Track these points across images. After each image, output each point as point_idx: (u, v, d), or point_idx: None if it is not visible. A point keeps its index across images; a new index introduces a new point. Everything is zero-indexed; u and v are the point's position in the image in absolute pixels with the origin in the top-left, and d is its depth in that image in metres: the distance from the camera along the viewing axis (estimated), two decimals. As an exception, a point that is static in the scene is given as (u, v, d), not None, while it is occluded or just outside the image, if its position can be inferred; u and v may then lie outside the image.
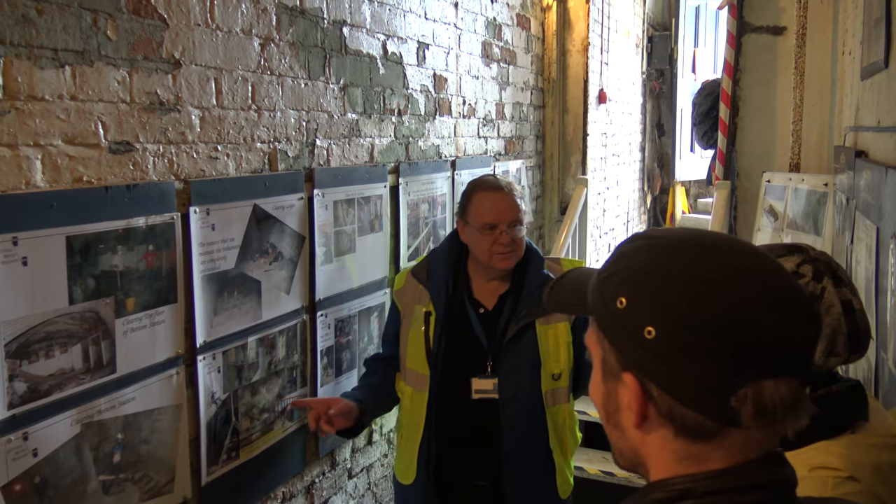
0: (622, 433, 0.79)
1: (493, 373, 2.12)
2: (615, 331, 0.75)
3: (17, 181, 1.44)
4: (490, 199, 2.14)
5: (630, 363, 0.74)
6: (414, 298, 2.22)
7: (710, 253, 0.75)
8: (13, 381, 1.43)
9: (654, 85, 7.12)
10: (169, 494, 1.82)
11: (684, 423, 0.73)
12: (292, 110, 2.21)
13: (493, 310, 2.17)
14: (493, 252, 2.11)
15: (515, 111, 4.02)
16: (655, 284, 0.73)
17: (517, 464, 2.12)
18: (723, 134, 4.30)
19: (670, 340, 0.71)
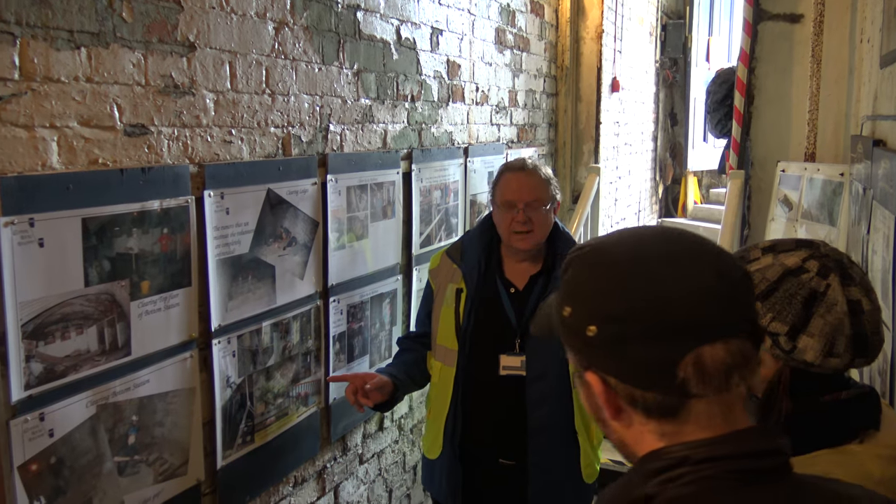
0: (609, 428, 0.84)
1: (521, 350, 2.16)
2: (568, 337, 0.83)
3: (34, 162, 1.44)
4: (513, 179, 2.19)
5: (586, 362, 0.82)
6: (448, 277, 2.26)
7: (624, 249, 0.83)
8: (30, 362, 1.43)
9: (668, 74, 7.06)
10: (183, 477, 1.83)
11: (646, 404, 0.78)
12: (306, 95, 2.20)
13: (523, 290, 2.21)
14: (511, 230, 2.15)
15: (528, 98, 4.00)
16: (586, 288, 0.82)
17: (541, 441, 2.15)
18: (737, 123, 4.26)
19: (608, 333, 0.78)
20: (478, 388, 2.21)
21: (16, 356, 1.40)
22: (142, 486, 1.72)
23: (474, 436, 2.22)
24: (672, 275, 0.77)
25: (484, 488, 2.26)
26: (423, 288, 2.86)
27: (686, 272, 0.77)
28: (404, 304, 2.84)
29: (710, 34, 7.45)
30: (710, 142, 7.18)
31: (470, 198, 3.28)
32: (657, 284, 0.77)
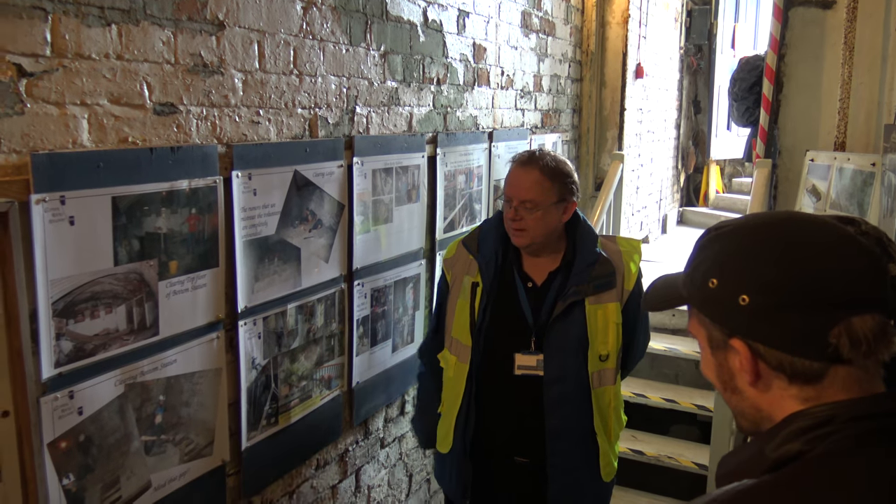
0: (741, 396, 0.90)
1: (537, 349, 2.07)
2: (713, 307, 0.89)
3: (65, 140, 1.43)
4: (514, 173, 2.07)
5: (734, 330, 0.87)
6: (464, 268, 2.16)
7: (773, 226, 0.89)
8: (60, 340, 1.43)
9: (692, 60, 6.97)
10: (208, 457, 1.84)
11: (794, 369, 0.84)
12: (333, 76, 2.18)
13: (541, 285, 2.11)
14: (508, 225, 2.06)
15: (553, 83, 3.95)
16: (737, 261, 0.87)
17: (559, 444, 2.08)
18: (765, 111, 4.18)
19: (763, 302, 0.84)
20: (492, 387, 2.12)
21: (46, 334, 1.40)
22: (168, 466, 1.72)
23: (488, 434, 2.15)
24: (829, 254, 0.83)
25: (497, 487, 2.20)
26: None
27: (839, 250, 0.83)
28: (427, 289, 2.83)
29: (736, 21, 7.33)
30: (734, 130, 7.08)
31: (494, 183, 3.25)
32: (815, 260, 0.83)
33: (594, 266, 2.07)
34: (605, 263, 2.08)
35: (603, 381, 2.10)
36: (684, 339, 4.12)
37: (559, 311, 2.04)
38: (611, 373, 2.11)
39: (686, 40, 6.78)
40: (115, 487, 1.59)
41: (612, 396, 2.13)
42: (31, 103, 1.37)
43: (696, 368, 4.05)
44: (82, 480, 1.51)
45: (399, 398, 2.78)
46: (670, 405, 3.81)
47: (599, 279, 2.06)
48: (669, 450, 3.69)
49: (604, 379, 2.10)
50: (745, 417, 0.92)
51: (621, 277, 2.09)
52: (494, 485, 2.19)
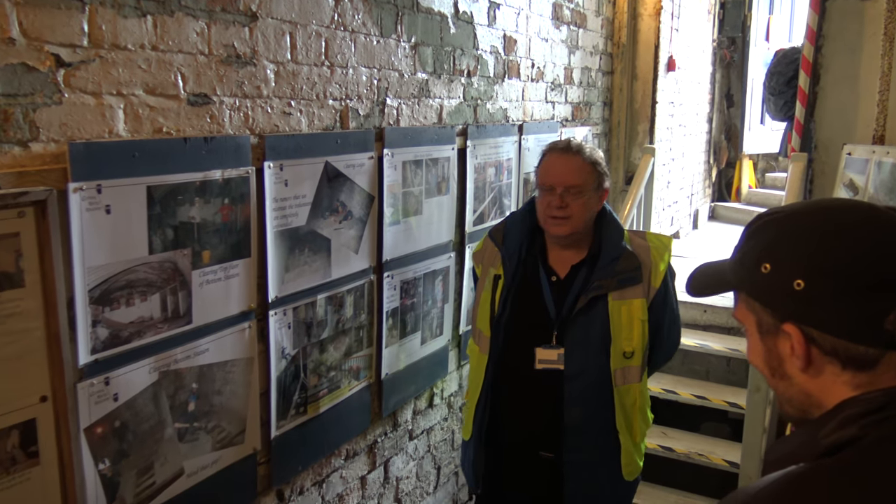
0: (789, 381, 0.90)
1: (558, 343, 2.04)
2: (766, 293, 0.89)
3: (101, 130, 1.45)
4: (553, 161, 2.05)
5: (786, 315, 0.87)
6: (490, 260, 2.16)
7: (825, 212, 0.89)
8: (96, 327, 1.45)
9: (725, 53, 6.85)
10: (240, 445, 1.85)
11: (848, 355, 0.84)
12: (364, 68, 2.18)
13: (565, 279, 2.08)
14: (547, 215, 2.02)
15: (584, 76, 3.92)
16: (791, 246, 0.87)
17: (576, 439, 2.05)
18: (801, 104, 4.10)
19: (819, 287, 0.83)
20: (512, 380, 2.11)
21: (83, 321, 1.42)
22: (201, 453, 1.74)
23: (508, 426, 2.14)
24: (886, 238, 0.83)
25: (514, 479, 2.17)
26: (474, 267, 2.84)
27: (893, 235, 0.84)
28: (456, 281, 2.82)
29: (771, 13, 7.19)
30: (768, 124, 6.96)
31: (523, 176, 3.24)
32: (873, 245, 0.83)
33: (619, 260, 2.03)
34: (631, 258, 2.04)
35: (627, 378, 2.06)
36: (715, 335, 4.07)
37: (581, 305, 2.01)
38: (636, 371, 2.06)
39: (719, 33, 6.67)
40: (149, 473, 1.61)
41: (637, 395, 2.08)
42: (69, 93, 1.39)
43: (728, 365, 4.00)
44: (117, 465, 1.53)
45: (427, 390, 2.78)
46: (701, 402, 3.77)
47: (624, 274, 2.02)
48: (700, 447, 3.65)
49: (628, 376, 2.06)
50: (792, 404, 0.92)
51: (648, 273, 2.05)
52: (511, 477, 2.17)
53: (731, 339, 4.00)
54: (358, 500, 2.45)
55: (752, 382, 3.18)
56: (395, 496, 2.67)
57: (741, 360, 3.85)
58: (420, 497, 2.84)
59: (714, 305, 4.12)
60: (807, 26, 4.10)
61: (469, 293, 2.90)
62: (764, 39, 7.03)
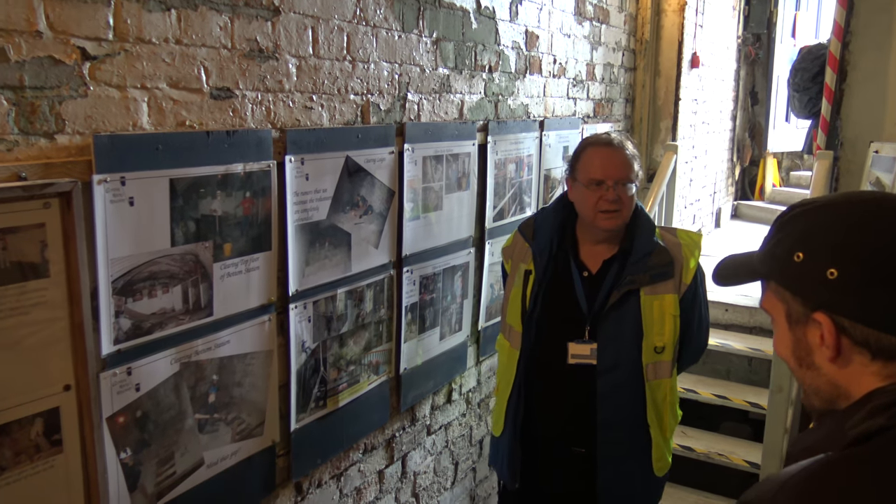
0: (817, 372, 0.90)
1: (591, 338, 2.06)
2: (797, 282, 0.89)
3: (125, 122, 1.47)
4: (600, 155, 2.05)
5: (818, 304, 0.87)
6: (520, 256, 2.18)
7: (859, 202, 0.89)
8: (119, 318, 1.47)
9: (750, 50, 6.77)
10: (259, 437, 1.87)
11: (879, 346, 0.84)
12: (385, 63, 2.18)
13: (596, 274, 2.09)
14: (597, 209, 2.03)
15: (606, 72, 3.89)
16: (826, 235, 0.87)
17: (611, 435, 2.07)
18: (827, 101, 4.04)
19: (853, 276, 0.83)
20: (544, 374, 2.13)
21: (106, 311, 1.44)
22: (221, 444, 1.76)
23: (539, 421, 2.16)
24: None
25: (548, 474, 2.20)
26: (494, 263, 2.84)
27: None
28: (476, 277, 2.82)
29: (798, 9, 7.10)
30: (793, 122, 6.87)
31: (544, 172, 3.22)
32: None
33: (651, 255, 2.04)
34: (663, 253, 2.05)
35: (658, 373, 2.07)
36: (736, 334, 4.03)
37: (614, 300, 2.03)
38: (667, 366, 2.07)
39: (744, 29, 6.59)
40: (170, 463, 1.63)
41: (667, 390, 2.10)
42: (94, 86, 1.40)
43: (749, 365, 3.96)
44: (139, 455, 1.55)
45: (446, 386, 2.78)
46: (721, 401, 3.74)
47: (656, 269, 2.03)
48: (720, 447, 3.62)
49: (659, 371, 2.07)
50: (819, 395, 0.92)
51: (679, 269, 2.06)
52: (545, 472, 2.19)
53: (752, 338, 3.96)
54: (375, 495, 2.46)
55: (775, 382, 3.14)
56: (413, 491, 2.68)
57: (763, 359, 3.81)
58: (437, 492, 2.84)
59: (735, 304, 4.09)
60: (834, 22, 4.04)
61: (488, 289, 2.90)
62: (790, 36, 6.94)
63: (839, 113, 4.02)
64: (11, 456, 1.32)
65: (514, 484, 2.21)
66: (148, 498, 1.59)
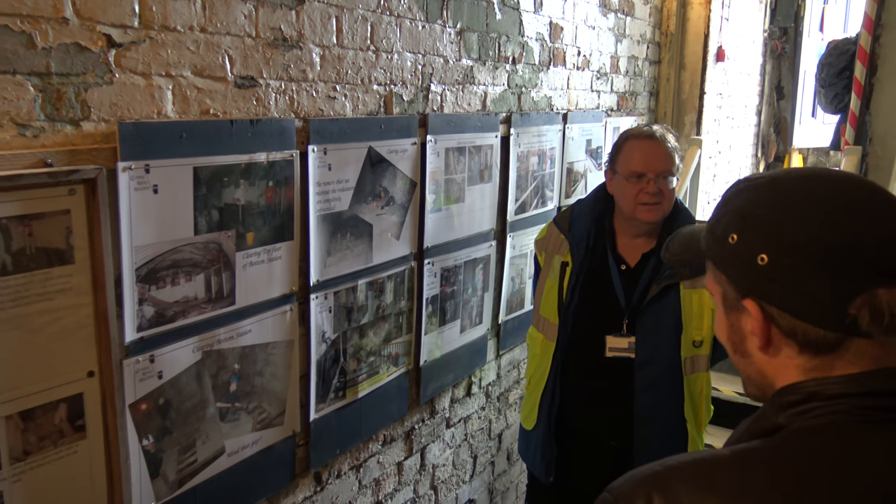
0: (749, 360, 0.87)
1: (629, 332, 2.06)
2: (730, 264, 0.84)
3: (150, 110, 1.47)
4: (641, 147, 2.06)
5: (748, 290, 0.82)
6: (555, 248, 2.18)
7: (804, 183, 0.82)
8: (142, 305, 1.47)
9: (777, 44, 6.67)
10: (280, 427, 1.87)
11: (806, 337, 0.79)
12: (409, 53, 2.17)
13: (634, 267, 2.10)
14: (637, 202, 2.04)
15: (630, 65, 3.85)
16: (761, 217, 0.81)
17: (648, 429, 2.07)
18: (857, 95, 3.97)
19: (782, 263, 0.78)
20: (580, 368, 2.13)
21: (130, 299, 1.44)
22: (241, 433, 1.76)
23: (574, 414, 2.16)
24: (864, 216, 0.77)
25: (582, 467, 2.19)
26: (515, 256, 2.82)
27: (874, 214, 0.77)
28: (497, 270, 2.80)
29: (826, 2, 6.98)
30: (819, 118, 6.77)
31: (566, 166, 3.20)
32: (847, 222, 0.77)
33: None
34: None
35: (696, 367, 2.07)
36: (760, 332, 3.97)
37: (654, 293, 2.03)
38: (704, 360, 2.07)
39: (771, 22, 6.49)
40: (192, 451, 1.63)
41: (704, 384, 2.10)
42: (120, 73, 1.40)
43: (772, 363, 3.90)
44: (161, 442, 1.56)
45: (465, 379, 2.77)
46: (742, 399, 3.69)
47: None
48: (741, 445, 3.58)
49: (697, 365, 2.07)
50: (751, 382, 0.89)
51: None
52: (580, 465, 2.19)
53: (776, 336, 3.91)
54: (394, 486, 2.46)
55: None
56: (431, 483, 2.68)
57: (786, 358, 3.76)
58: (456, 485, 2.84)
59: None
60: (864, 15, 3.97)
61: (509, 283, 2.88)
62: (818, 30, 6.83)
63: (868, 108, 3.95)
64: (36, 441, 1.33)
65: (548, 478, 2.21)
66: (169, 485, 1.60)
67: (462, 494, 2.89)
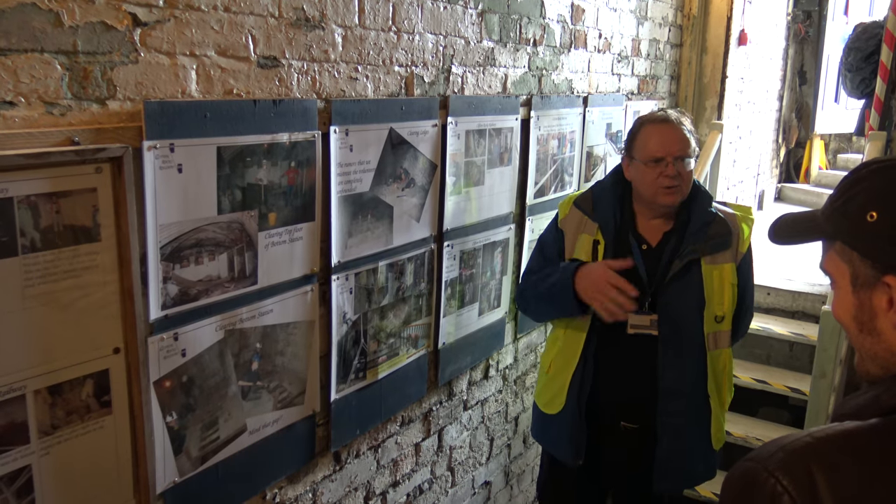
0: (878, 338, 0.87)
1: (651, 309, 2.08)
2: (869, 242, 0.85)
3: (174, 90, 1.47)
4: (658, 132, 2.08)
5: (890, 267, 0.83)
6: (579, 228, 2.19)
7: None
8: (167, 284, 1.49)
9: (800, 28, 6.57)
10: (300, 406, 1.88)
11: None
12: (430, 34, 2.16)
13: (656, 246, 2.13)
14: (658, 186, 2.06)
15: (651, 48, 3.81)
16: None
17: (672, 404, 2.09)
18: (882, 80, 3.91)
19: None
20: (606, 347, 2.15)
21: (155, 277, 1.46)
22: (263, 412, 1.78)
23: (601, 395, 2.18)
24: None
25: (607, 448, 2.22)
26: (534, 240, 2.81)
27: None
28: (516, 253, 2.80)
29: (852, -15, 6.85)
30: (842, 103, 6.67)
31: (586, 150, 3.18)
32: None
33: (710, 225, 2.08)
34: (721, 223, 2.10)
35: (719, 342, 2.10)
36: (777, 318, 3.95)
37: (676, 269, 2.06)
38: (726, 335, 2.11)
39: (794, 6, 6.39)
40: (214, 428, 1.65)
41: (727, 360, 2.14)
42: (145, 52, 1.41)
43: (790, 350, 3.88)
44: (184, 419, 1.58)
45: (483, 362, 2.78)
46: (761, 386, 3.68)
47: (716, 238, 2.08)
48: (758, 432, 3.57)
49: (720, 341, 2.10)
50: (876, 361, 0.89)
51: (736, 238, 2.10)
52: (604, 446, 2.21)
53: (794, 323, 3.89)
54: (412, 467, 2.48)
55: (818, 368, 3.08)
56: (448, 465, 2.69)
57: (805, 344, 3.74)
58: (473, 467, 2.85)
59: (778, 288, 4.00)
60: (892, -2, 3.90)
61: (527, 266, 2.87)
62: (842, 13, 6.71)
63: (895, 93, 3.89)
64: (63, 415, 1.35)
65: (577, 461, 2.22)
66: (192, 461, 1.62)
67: (479, 476, 2.91)
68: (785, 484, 0.75)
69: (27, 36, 1.22)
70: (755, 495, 0.77)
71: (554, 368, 2.24)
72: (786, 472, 0.76)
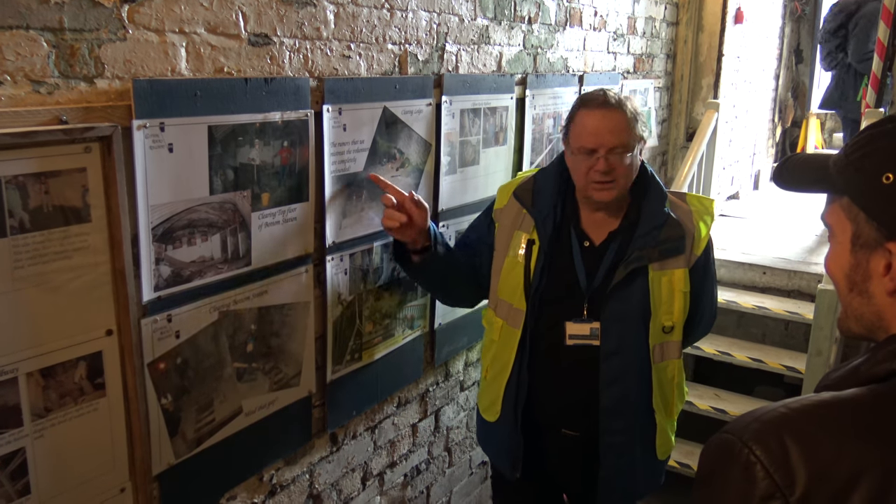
0: (867, 300, 0.85)
1: (590, 317, 1.87)
2: (881, 204, 0.80)
3: (164, 68, 1.45)
4: (592, 119, 1.81)
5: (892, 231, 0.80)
6: (515, 223, 1.96)
7: None
8: (159, 265, 1.47)
9: (796, 6, 6.53)
10: (296, 388, 1.88)
11: None
12: (424, 11, 2.13)
13: (599, 245, 1.91)
14: (588, 180, 1.83)
15: (647, 27, 3.77)
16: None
17: (615, 422, 1.92)
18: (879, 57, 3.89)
19: None
20: (543, 356, 1.94)
21: (147, 258, 1.44)
22: (258, 393, 1.77)
23: (538, 406, 1.98)
24: None
25: (548, 460, 2.05)
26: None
27: None
28: (511, 234, 2.78)
29: (848, -38, 6.80)
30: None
31: (582, 129, 3.15)
32: None
33: (662, 228, 1.86)
34: (675, 226, 1.87)
35: (666, 354, 1.93)
36: (773, 297, 3.95)
37: (619, 277, 1.84)
38: (675, 346, 1.93)
39: (790, -16, 6.35)
40: (209, 410, 1.65)
41: (675, 371, 1.96)
42: (133, 29, 1.38)
43: (786, 329, 3.89)
44: (179, 401, 1.57)
45: (479, 343, 2.78)
46: (756, 365, 3.69)
47: (668, 243, 1.85)
48: (754, 410, 3.58)
49: (667, 352, 1.93)
50: (861, 322, 0.87)
51: (691, 241, 1.89)
52: (546, 459, 2.05)
53: (790, 301, 3.89)
54: (409, 448, 2.48)
55: (814, 346, 3.09)
56: (445, 445, 2.70)
57: (800, 323, 3.75)
58: (469, 447, 2.86)
59: (774, 268, 4.00)
60: (889, -26, 3.87)
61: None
62: (839, -9, 6.67)
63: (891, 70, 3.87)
64: (57, 398, 1.34)
65: (514, 474, 2.04)
66: (188, 443, 1.61)
67: (476, 456, 2.91)
68: (758, 454, 0.74)
69: (11, 12, 1.20)
70: (730, 465, 0.76)
71: (491, 373, 2.04)
72: (759, 442, 0.75)
